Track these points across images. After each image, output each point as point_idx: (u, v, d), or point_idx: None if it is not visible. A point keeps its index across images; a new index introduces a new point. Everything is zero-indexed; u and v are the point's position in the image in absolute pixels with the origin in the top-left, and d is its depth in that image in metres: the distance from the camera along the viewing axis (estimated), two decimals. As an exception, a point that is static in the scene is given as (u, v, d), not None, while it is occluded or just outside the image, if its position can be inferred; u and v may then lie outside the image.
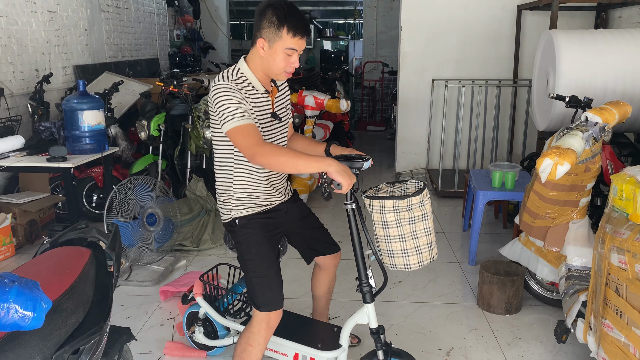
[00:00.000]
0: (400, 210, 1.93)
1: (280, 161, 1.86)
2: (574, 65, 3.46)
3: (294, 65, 2.01)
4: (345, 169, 1.85)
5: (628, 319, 1.92)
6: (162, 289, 3.30)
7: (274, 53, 1.96)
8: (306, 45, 2.04)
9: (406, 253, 1.97)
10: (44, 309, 1.19)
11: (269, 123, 2.11)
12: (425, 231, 1.97)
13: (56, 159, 3.56)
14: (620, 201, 2.03)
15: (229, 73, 2.02)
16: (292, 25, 1.92)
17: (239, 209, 2.14)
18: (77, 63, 5.95)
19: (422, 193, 1.96)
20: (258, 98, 2.05)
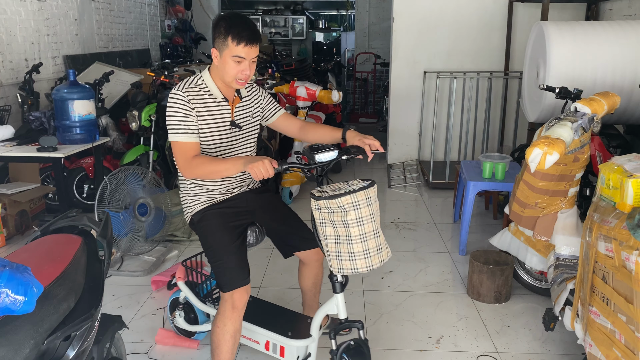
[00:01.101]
0: (347, 209, 1.86)
1: (208, 171, 2.01)
2: (565, 57, 3.48)
3: (245, 73, 2.07)
4: (252, 160, 1.89)
5: (614, 306, 1.95)
6: (153, 279, 3.30)
7: (223, 61, 2.05)
8: (257, 52, 2.09)
9: (353, 256, 1.91)
10: (35, 294, 1.19)
11: (228, 131, 2.19)
12: (374, 233, 1.92)
13: (46, 148, 3.54)
14: (607, 190, 2.06)
15: (188, 81, 2.13)
16: (237, 33, 2.00)
17: (194, 205, 2.24)
18: (67, 53, 5.90)
19: (367, 190, 1.90)
20: (215, 106, 2.15)
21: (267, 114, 2.39)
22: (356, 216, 1.86)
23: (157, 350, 2.68)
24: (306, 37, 13.87)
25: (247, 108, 2.28)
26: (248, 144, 2.30)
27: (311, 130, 2.35)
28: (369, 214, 1.88)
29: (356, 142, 2.11)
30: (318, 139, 2.28)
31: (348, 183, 1.99)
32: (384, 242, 1.97)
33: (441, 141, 5.83)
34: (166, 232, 3.95)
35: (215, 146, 2.18)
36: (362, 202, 1.86)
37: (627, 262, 1.84)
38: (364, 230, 1.88)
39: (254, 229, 2.30)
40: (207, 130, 2.14)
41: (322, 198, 1.87)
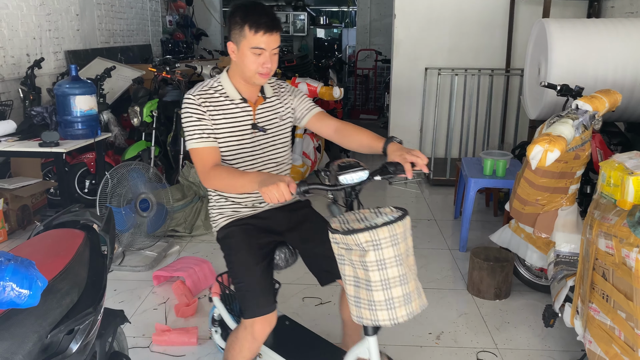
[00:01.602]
0: (372, 248, 1.52)
1: (225, 184, 1.79)
2: (566, 54, 3.48)
3: (267, 66, 1.85)
4: (266, 180, 1.61)
5: (614, 303, 1.96)
6: (155, 274, 3.31)
7: (242, 55, 1.85)
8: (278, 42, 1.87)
9: (373, 305, 1.56)
10: (39, 287, 1.20)
11: (249, 135, 1.96)
12: (400, 279, 1.55)
13: (48, 144, 3.55)
14: (608, 187, 2.07)
15: (202, 84, 1.96)
16: (254, 21, 1.80)
17: (219, 219, 2.05)
18: (68, 48, 5.89)
19: (392, 225, 1.53)
20: (233, 108, 1.94)
21: (300, 115, 2.10)
22: (376, 258, 1.51)
23: (158, 345, 2.69)
24: (307, 33, 13.85)
25: (275, 108, 2.04)
26: (278, 150, 2.04)
27: (349, 134, 2.02)
28: (394, 256, 1.53)
29: (396, 158, 1.73)
30: (356, 146, 1.99)
31: (378, 211, 1.64)
32: (414, 289, 1.59)
33: (442, 138, 5.83)
34: (167, 227, 3.96)
35: (235, 153, 1.95)
36: (384, 240, 1.51)
37: (627, 259, 1.85)
38: (386, 276, 1.53)
39: (283, 249, 2.04)
40: (225, 135, 1.92)
41: (338, 232, 1.55)
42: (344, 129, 2.03)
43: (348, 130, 2.02)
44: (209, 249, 3.86)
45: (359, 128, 2.03)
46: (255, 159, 1.99)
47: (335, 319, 2.82)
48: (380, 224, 1.52)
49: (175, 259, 3.59)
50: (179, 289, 3.08)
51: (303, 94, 2.13)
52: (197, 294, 3.20)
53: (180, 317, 2.94)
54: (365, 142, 1.95)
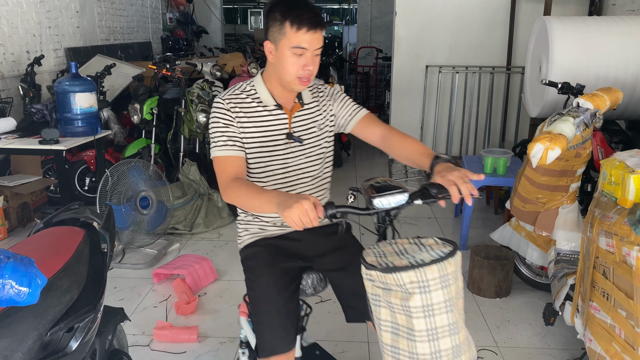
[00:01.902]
0: (416, 290, 1.27)
1: (242, 201, 1.56)
2: (567, 52, 3.47)
3: (308, 69, 1.65)
4: (287, 200, 1.36)
5: (614, 301, 1.95)
6: (155, 272, 3.31)
7: (280, 55, 1.65)
8: (321, 41, 1.66)
9: (415, 358, 1.31)
10: (39, 285, 1.20)
11: (283, 146, 1.76)
12: (449, 328, 1.30)
13: (48, 141, 3.55)
14: (609, 186, 2.06)
15: (235, 87, 1.78)
16: (296, 17, 1.60)
17: (244, 236, 1.88)
18: (68, 45, 5.89)
19: (442, 263, 1.29)
20: (266, 115, 1.74)
21: (343, 121, 1.87)
22: (423, 302, 1.27)
23: (158, 343, 2.69)
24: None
25: (313, 116, 1.83)
26: (314, 162, 1.83)
27: (396, 144, 1.78)
28: (444, 301, 1.28)
29: (439, 180, 1.47)
30: (403, 160, 1.76)
31: (419, 242, 1.40)
32: (464, 339, 1.35)
33: (443, 136, 5.82)
34: (168, 225, 3.96)
35: (265, 165, 1.75)
36: (433, 282, 1.26)
37: (627, 257, 1.85)
38: (433, 324, 1.28)
39: (311, 275, 1.84)
40: (255, 145, 1.73)
41: (375, 268, 1.31)
42: (391, 137, 1.80)
43: (395, 140, 1.78)
44: (209, 247, 3.86)
45: (406, 138, 1.78)
46: (288, 172, 1.79)
47: (336, 316, 2.82)
48: (428, 261, 1.27)
49: (176, 257, 3.59)
50: (179, 286, 3.08)
51: (345, 96, 1.90)
52: (197, 291, 3.20)
53: (180, 315, 2.94)
54: (414, 156, 1.71)
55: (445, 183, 1.45)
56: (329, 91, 1.90)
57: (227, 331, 2.80)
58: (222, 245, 3.90)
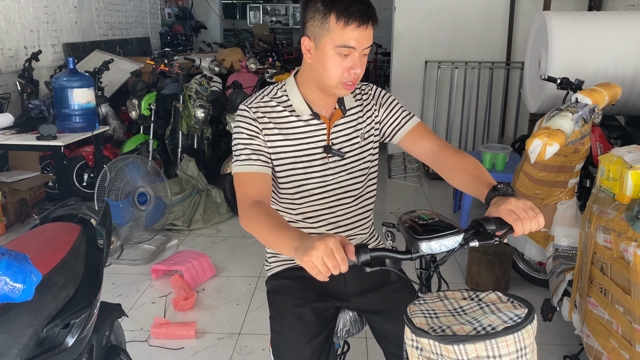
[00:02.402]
0: None
1: (258, 236, 1.28)
2: (566, 47, 3.46)
3: (355, 72, 1.37)
4: (306, 242, 1.08)
5: (612, 297, 1.95)
6: (153, 268, 3.31)
7: (322, 55, 1.37)
8: (371, 39, 1.38)
9: None
10: (34, 282, 1.19)
11: (320, 161, 1.51)
12: None
13: (46, 137, 3.54)
14: (607, 181, 2.06)
15: (263, 92, 1.53)
16: (344, 9, 1.31)
17: (272, 263, 1.65)
18: (66, 41, 5.87)
19: (520, 332, 0.99)
20: (300, 126, 1.49)
21: (390, 130, 1.59)
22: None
23: (156, 339, 2.69)
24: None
25: (356, 123, 1.56)
26: (356, 178, 1.56)
27: (450, 163, 1.47)
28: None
29: (496, 213, 1.21)
30: (457, 182, 1.45)
31: (478, 297, 1.12)
32: None
33: (442, 132, 5.82)
34: (166, 221, 3.96)
35: (299, 184, 1.51)
36: (507, 358, 0.98)
37: (625, 253, 1.85)
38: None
39: (346, 315, 1.58)
40: (287, 161, 1.49)
41: (429, 335, 1.01)
42: (443, 155, 1.49)
43: (448, 159, 1.48)
44: (207, 243, 3.86)
45: (461, 158, 1.46)
46: (327, 192, 1.54)
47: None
48: (501, 329, 0.98)
49: (174, 253, 3.58)
50: (177, 282, 3.08)
51: (393, 100, 1.61)
52: (196, 287, 3.20)
53: (178, 311, 2.94)
54: (467, 183, 1.41)
55: (507, 217, 1.19)
56: (375, 92, 1.61)
57: (225, 327, 2.80)
58: (221, 242, 3.90)
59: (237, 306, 3.00)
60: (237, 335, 2.73)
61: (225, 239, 3.93)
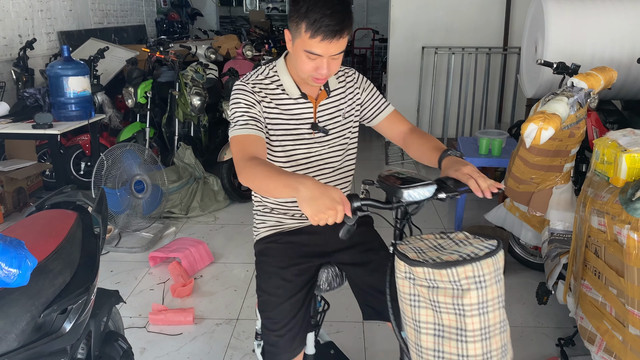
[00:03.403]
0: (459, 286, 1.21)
1: (254, 184, 1.38)
2: (563, 32, 3.45)
3: (322, 72, 1.51)
4: (318, 200, 1.19)
5: (605, 279, 1.97)
6: (151, 255, 3.32)
7: (295, 51, 1.52)
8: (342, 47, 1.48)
9: None
10: (29, 267, 1.20)
11: (308, 136, 1.66)
12: (500, 325, 1.24)
13: (42, 125, 3.53)
14: (601, 165, 2.07)
15: (257, 71, 1.66)
16: (313, 22, 1.41)
17: (260, 228, 1.79)
18: (61, 29, 5.83)
19: (496, 256, 1.23)
20: (292, 104, 1.64)
21: (370, 113, 1.79)
22: (479, 299, 1.20)
23: (155, 325, 2.71)
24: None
25: (338, 104, 1.72)
26: (336, 153, 1.72)
27: (415, 142, 1.70)
28: (497, 296, 1.23)
29: (452, 174, 1.43)
30: (418, 155, 1.67)
31: (449, 236, 1.35)
32: (509, 338, 1.29)
33: (439, 117, 5.81)
34: (163, 209, 3.96)
35: (287, 153, 1.66)
36: (489, 277, 1.20)
37: (619, 236, 1.86)
38: (487, 322, 1.21)
39: (327, 269, 1.74)
40: (279, 132, 1.63)
41: (423, 264, 1.22)
42: (412, 136, 1.73)
43: (416, 137, 1.71)
44: (205, 230, 3.87)
45: (423, 135, 1.70)
46: (311, 162, 1.69)
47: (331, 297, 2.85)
48: (482, 254, 1.21)
49: (171, 240, 3.60)
50: (175, 269, 3.10)
51: (373, 87, 1.81)
52: (193, 274, 3.22)
53: (176, 298, 2.96)
54: (427, 153, 1.62)
55: (461, 177, 1.39)
56: (358, 78, 1.78)
57: (223, 313, 2.82)
58: (218, 229, 3.91)
59: (235, 292, 3.02)
60: (235, 320, 2.75)
61: (223, 226, 3.94)
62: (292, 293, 1.61)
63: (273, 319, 1.61)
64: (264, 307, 1.64)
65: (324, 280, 1.73)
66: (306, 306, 1.65)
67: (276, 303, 1.61)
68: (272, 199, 1.73)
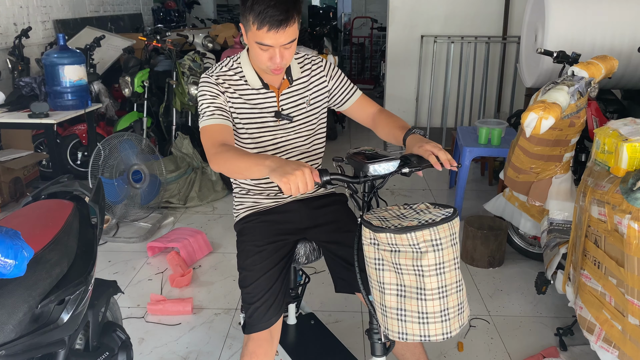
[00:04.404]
0: (419, 249, 1.30)
1: (229, 167, 1.48)
2: (563, 20, 3.42)
3: (275, 62, 1.57)
4: (284, 166, 1.32)
5: (605, 269, 1.97)
6: (149, 245, 3.31)
7: (249, 44, 1.59)
8: (292, 36, 1.54)
9: (425, 317, 1.34)
10: (25, 257, 1.19)
11: (272, 124, 1.74)
12: (457, 285, 1.36)
13: (38, 115, 3.51)
14: (602, 154, 2.05)
15: (221, 64, 1.73)
16: (257, 13, 1.48)
17: (239, 209, 1.89)
18: (57, 17, 5.77)
19: (452, 222, 1.34)
20: (255, 94, 1.71)
21: (340, 99, 1.86)
22: (436, 260, 1.30)
23: (153, 315, 2.70)
24: (302, 1, 13.58)
25: (302, 92, 1.78)
26: (304, 139, 1.81)
27: (382, 122, 1.80)
28: (453, 258, 1.33)
29: (416, 151, 1.53)
30: (385, 134, 1.77)
31: (411, 207, 1.45)
32: (465, 297, 1.41)
33: (438, 107, 5.78)
34: (161, 199, 3.95)
35: (255, 143, 1.74)
36: (445, 240, 1.30)
37: (619, 225, 1.85)
38: (444, 282, 1.32)
39: (304, 244, 1.85)
40: (244, 121, 1.71)
41: (385, 230, 1.31)
42: (380, 117, 1.82)
43: (383, 118, 1.80)
44: (203, 220, 3.86)
45: (390, 116, 1.80)
46: (278, 148, 1.77)
47: (330, 287, 2.84)
48: (439, 220, 1.31)
49: (170, 230, 3.59)
50: (174, 259, 3.09)
51: (341, 73, 1.87)
52: (192, 264, 3.21)
53: (175, 288, 2.95)
54: (392, 132, 1.72)
55: (423, 153, 1.50)
56: (326, 66, 1.83)
57: (222, 303, 2.81)
58: (217, 219, 3.90)
59: (233, 282, 3.01)
60: (234, 310, 2.74)
61: (221, 216, 3.93)
62: (268, 268, 1.70)
63: (250, 292, 1.69)
64: (243, 283, 1.72)
65: (302, 254, 1.83)
66: (282, 279, 1.72)
67: (253, 278, 1.69)
68: (249, 181, 1.82)
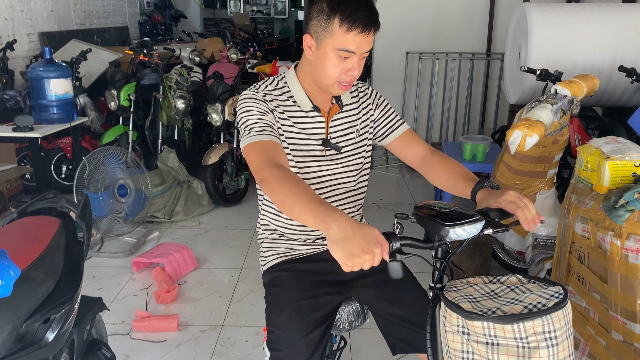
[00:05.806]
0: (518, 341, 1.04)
1: (279, 198, 1.22)
2: (546, 39, 3.49)
3: (352, 74, 1.41)
4: (351, 242, 1.03)
5: (589, 285, 2.00)
6: (134, 260, 3.28)
7: (322, 54, 1.40)
8: (372, 44, 1.41)
9: None
10: (12, 277, 1.17)
11: (319, 153, 1.55)
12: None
13: (22, 128, 3.47)
14: (585, 172, 2.09)
15: (265, 82, 1.55)
16: (348, 15, 1.33)
17: (268, 255, 1.65)
18: (42, 30, 5.74)
19: (566, 307, 1.07)
20: (302, 117, 1.53)
21: (383, 131, 1.67)
22: (549, 359, 1.04)
23: (138, 332, 2.67)
24: (288, 15, 13.69)
25: (352, 120, 1.61)
26: (350, 173, 1.60)
27: (437, 167, 1.56)
28: (569, 355, 1.07)
29: (495, 204, 1.31)
30: (442, 182, 1.54)
31: (499, 280, 1.19)
32: None
33: (423, 122, 5.85)
34: (147, 213, 3.92)
35: (297, 171, 1.53)
36: (560, 332, 1.05)
37: (602, 242, 1.88)
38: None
39: (347, 306, 1.57)
40: (290, 150, 1.52)
41: (482, 317, 1.05)
42: (431, 159, 1.58)
43: (435, 163, 1.57)
44: (188, 235, 3.84)
45: (448, 161, 1.56)
46: (323, 182, 1.57)
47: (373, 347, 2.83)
48: (551, 306, 1.05)
49: (155, 245, 3.56)
50: (159, 275, 3.06)
51: (387, 103, 1.69)
52: (177, 280, 3.18)
53: (160, 304, 2.92)
54: (453, 181, 1.50)
55: (509, 207, 1.27)
56: (372, 93, 1.68)
57: (208, 319, 2.79)
58: (202, 234, 3.87)
59: (219, 298, 2.99)
60: (220, 327, 2.72)
61: (207, 231, 3.91)
62: (308, 330, 1.44)
63: (282, 358, 1.43)
64: (276, 345, 1.45)
65: (344, 319, 1.56)
66: (323, 347, 1.47)
67: (289, 340, 1.43)
68: (284, 223, 1.61)
